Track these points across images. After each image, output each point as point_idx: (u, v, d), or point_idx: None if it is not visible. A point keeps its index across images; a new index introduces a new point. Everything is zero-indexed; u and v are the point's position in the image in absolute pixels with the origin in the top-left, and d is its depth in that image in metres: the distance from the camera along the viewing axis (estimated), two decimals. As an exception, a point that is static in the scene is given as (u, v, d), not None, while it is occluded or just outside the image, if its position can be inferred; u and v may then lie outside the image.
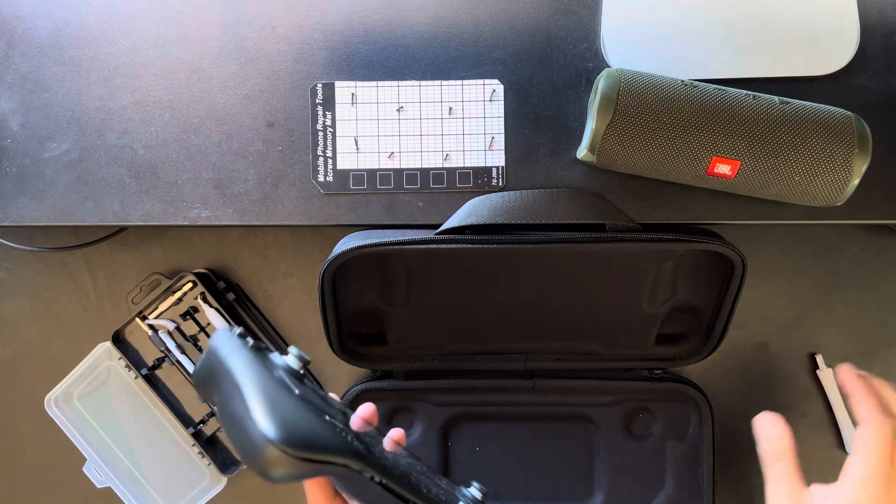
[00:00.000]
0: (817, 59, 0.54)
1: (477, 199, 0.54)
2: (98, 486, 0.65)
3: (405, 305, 0.61)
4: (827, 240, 0.65)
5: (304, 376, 0.39)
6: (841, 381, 0.52)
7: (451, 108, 0.55)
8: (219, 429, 0.66)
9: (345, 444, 0.32)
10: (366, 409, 0.45)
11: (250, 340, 0.39)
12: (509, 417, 0.64)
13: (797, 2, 0.54)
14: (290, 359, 0.39)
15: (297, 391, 0.34)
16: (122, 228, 0.63)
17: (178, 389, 0.66)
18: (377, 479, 0.33)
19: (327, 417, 0.34)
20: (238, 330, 0.39)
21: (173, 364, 0.64)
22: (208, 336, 0.64)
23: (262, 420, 0.29)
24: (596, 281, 0.59)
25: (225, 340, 0.38)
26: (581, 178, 0.55)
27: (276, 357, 0.39)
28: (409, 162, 0.55)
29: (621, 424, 0.64)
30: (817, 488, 0.48)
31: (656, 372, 0.64)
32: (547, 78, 0.55)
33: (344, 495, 0.39)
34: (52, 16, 0.55)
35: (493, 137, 0.55)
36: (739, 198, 0.54)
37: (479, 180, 0.55)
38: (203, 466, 0.65)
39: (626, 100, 0.48)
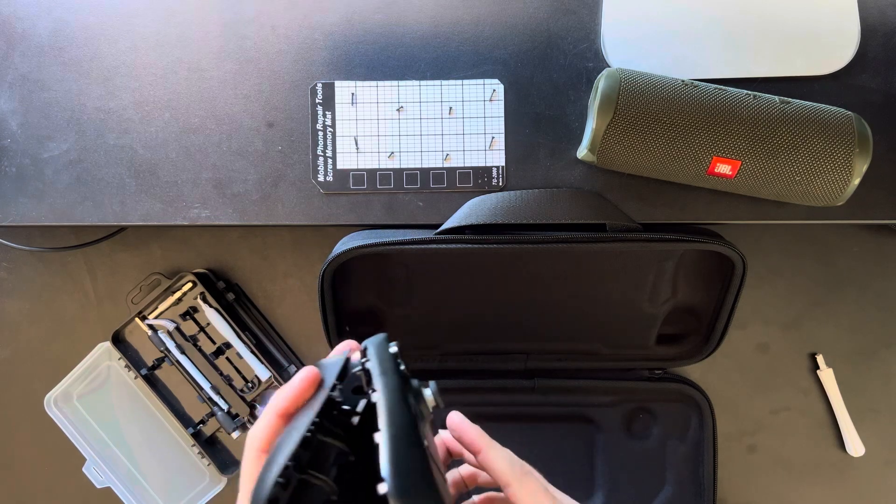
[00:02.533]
0: (818, 58, 0.54)
1: (477, 198, 0.54)
2: (98, 487, 0.64)
3: (405, 305, 0.60)
4: (827, 240, 0.65)
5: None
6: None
7: (451, 108, 0.55)
8: (219, 429, 0.66)
9: None
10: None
11: (402, 363, 0.36)
12: (510, 417, 0.64)
13: (798, 2, 0.54)
14: (428, 395, 0.37)
15: (425, 441, 0.33)
16: (122, 228, 0.63)
17: (178, 389, 0.66)
18: None
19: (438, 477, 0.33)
20: (395, 347, 0.37)
21: (173, 364, 0.64)
22: (208, 336, 0.64)
23: (391, 476, 0.29)
24: (596, 281, 0.59)
25: (381, 353, 0.36)
26: (581, 178, 0.55)
27: (415, 384, 0.37)
28: (409, 162, 0.55)
29: (621, 424, 0.64)
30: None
31: (657, 372, 0.64)
32: (547, 78, 0.55)
33: None
34: (51, 15, 0.55)
35: (493, 137, 0.55)
36: (740, 198, 0.54)
37: (479, 180, 0.55)
38: (203, 466, 0.65)
39: (627, 100, 0.48)
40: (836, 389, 0.65)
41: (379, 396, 0.33)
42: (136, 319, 0.64)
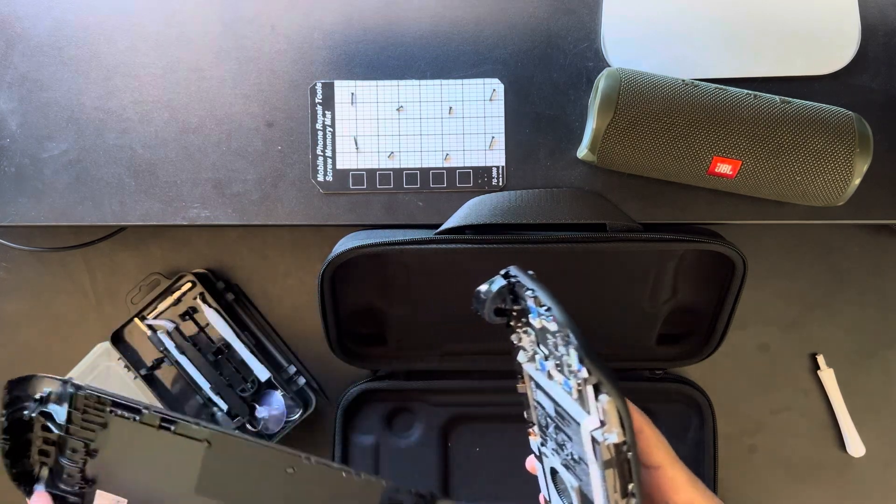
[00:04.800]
0: (818, 58, 0.54)
1: (477, 198, 0.54)
2: (97, 487, 0.64)
3: (405, 305, 0.60)
4: (828, 240, 0.64)
5: None
6: None
7: (451, 108, 0.55)
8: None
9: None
10: None
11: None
12: (509, 418, 0.64)
13: (798, 1, 0.54)
14: None
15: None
16: (121, 228, 0.63)
17: (178, 390, 0.65)
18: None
19: None
20: (532, 274, 0.42)
21: (172, 364, 0.64)
22: (207, 336, 0.64)
23: (590, 363, 0.36)
24: (596, 281, 0.59)
25: (524, 274, 0.42)
26: (582, 178, 0.55)
27: None
28: (409, 162, 0.55)
29: (622, 425, 0.64)
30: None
31: (657, 372, 0.64)
32: (547, 77, 0.55)
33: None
34: (51, 15, 0.55)
35: (493, 137, 0.55)
36: (740, 197, 0.54)
37: (479, 180, 0.55)
38: (202, 467, 0.65)
39: (627, 99, 0.48)
40: (837, 389, 0.65)
41: (547, 299, 0.39)
42: (136, 320, 0.64)
